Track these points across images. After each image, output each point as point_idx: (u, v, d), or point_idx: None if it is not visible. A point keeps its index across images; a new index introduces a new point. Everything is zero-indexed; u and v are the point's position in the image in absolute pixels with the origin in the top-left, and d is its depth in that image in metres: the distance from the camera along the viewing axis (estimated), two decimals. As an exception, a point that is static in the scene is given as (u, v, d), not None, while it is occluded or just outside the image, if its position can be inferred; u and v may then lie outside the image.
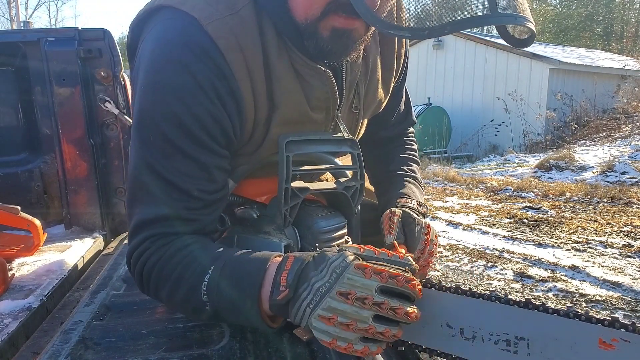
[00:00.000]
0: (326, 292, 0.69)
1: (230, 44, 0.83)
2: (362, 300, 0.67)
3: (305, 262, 0.74)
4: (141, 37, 0.93)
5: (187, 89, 0.82)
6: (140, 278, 0.89)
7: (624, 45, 20.51)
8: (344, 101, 1.03)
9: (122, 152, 2.07)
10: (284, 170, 0.94)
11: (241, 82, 0.86)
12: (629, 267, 3.05)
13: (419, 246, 1.06)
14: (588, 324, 0.62)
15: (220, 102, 0.85)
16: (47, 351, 0.92)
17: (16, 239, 1.67)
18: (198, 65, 0.82)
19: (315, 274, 0.71)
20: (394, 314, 0.68)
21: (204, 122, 0.84)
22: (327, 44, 0.86)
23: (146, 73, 0.85)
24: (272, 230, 0.98)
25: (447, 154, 10.48)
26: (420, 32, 0.76)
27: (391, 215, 1.09)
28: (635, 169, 5.88)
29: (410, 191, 1.21)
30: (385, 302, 0.67)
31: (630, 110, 9.96)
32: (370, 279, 0.68)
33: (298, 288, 0.72)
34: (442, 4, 6.61)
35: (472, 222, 4.36)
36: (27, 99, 2.06)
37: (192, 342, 0.93)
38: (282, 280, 0.73)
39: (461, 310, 0.73)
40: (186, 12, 0.83)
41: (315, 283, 0.70)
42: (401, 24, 1.07)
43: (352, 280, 0.68)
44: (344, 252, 0.72)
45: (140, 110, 0.87)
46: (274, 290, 0.74)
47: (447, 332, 0.74)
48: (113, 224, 2.16)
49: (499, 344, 0.69)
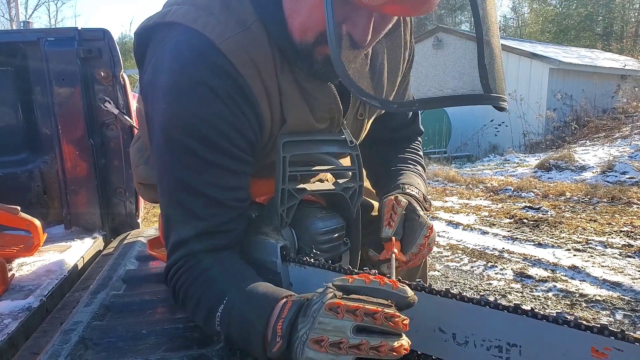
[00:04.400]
0: (305, 342, 0.64)
1: (244, 60, 0.85)
2: (337, 345, 0.61)
3: (303, 305, 0.69)
4: (150, 48, 0.94)
5: (207, 103, 0.84)
6: (174, 293, 0.93)
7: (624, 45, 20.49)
8: (350, 110, 1.03)
9: (122, 152, 2.07)
10: (281, 171, 0.94)
11: (259, 96, 0.88)
12: (629, 267, 3.05)
13: (413, 249, 0.98)
14: (581, 331, 0.61)
15: (240, 112, 0.86)
16: (47, 351, 0.92)
17: (16, 239, 1.67)
18: (215, 80, 0.83)
19: (302, 320, 0.67)
20: (376, 353, 0.61)
21: (228, 132, 0.86)
22: (320, 68, 0.87)
23: (163, 92, 0.86)
24: (269, 231, 0.98)
25: (447, 154, 10.47)
26: (389, 105, 0.77)
27: (395, 203, 1.00)
28: (635, 169, 5.88)
29: (416, 182, 1.15)
30: (363, 342, 0.60)
31: (630, 110, 9.96)
32: (343, 319, 0.61)
33: (291, 337, 0.67)
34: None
35: (472, 222, 4.36)
36: (27, 99, 2.06)
37: (192, 342, 0.93)
38: (277, 330, 0.69)
39: (454, 315, 0.72)
40: (198, 31, 0.84)
41: (300, 330, 0.66)
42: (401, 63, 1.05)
43: (323, 324, 0.62)
44: (325, 290, 0.66)
45: (163, 130, 0.88)
46: (272, 341, 0.70)
47: (440, 337, 0.73)
48: (113, 224, 2.16)
49: (491, 350, 0.68)
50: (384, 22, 0.83)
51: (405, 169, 1.23)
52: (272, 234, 0.97)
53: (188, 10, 0.87)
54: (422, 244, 0.98)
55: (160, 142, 0.89)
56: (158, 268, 1.48)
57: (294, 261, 0.93)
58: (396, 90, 1.08)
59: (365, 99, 0.72)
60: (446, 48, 0.83)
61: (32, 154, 2.12)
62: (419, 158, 1.31)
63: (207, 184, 0.87)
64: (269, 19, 0.87)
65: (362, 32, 0.78)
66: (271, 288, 0.79)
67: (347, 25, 0.77)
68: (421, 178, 1.21)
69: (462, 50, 0.78)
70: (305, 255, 0.95)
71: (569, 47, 15.07)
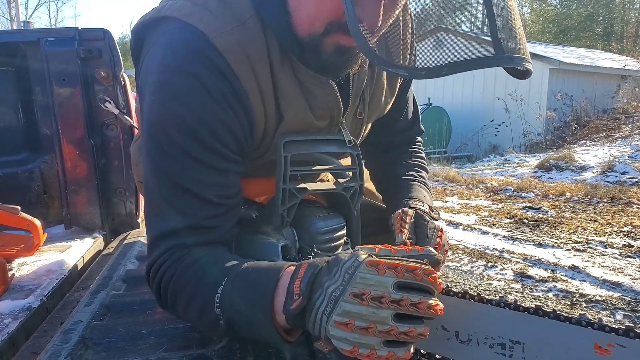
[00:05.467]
0: (340, 296, 0.64)
1: (238, 56, 0.84)
2: (379, 299, 0.62)
3: (319, 267, 0.69)
4: (145, 44, 0.93)
5: (196, 97, 0.83)
6: (157, 293, 0.88)
7: (624, 45, 20.50)
8: (349, 108, 1.03)
9: (122, 152, 2.07)
10: (282, 171, 0.94)
11: (251, 93, 0.87)
12: (629, 267, 3.05)
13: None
14: (584, 328, 0.61)
15: (230, 109, 0.85)
16: (47, 351, 0.92)
17: (16, 239, 1.67)
18: (206, 74, 0.82)
19: (328, 278, 0.67)
20: (416, 309, 0.62)
21: (216, 129, 0.84)
22: (329, 58, 0.86)
23: (154, 85, 0.86)
24: (270, 231, 0.98)
25: (447, 154, 10.47)
26: (417, 72, 0.77)
27: (403, 215, 1.02)
28: (635, 169, 5.88)
29: (421, 195, 1.16)
30: (404, 298, 0.62)
31: (630, 110, 9.96)
32: (385, 275, 0.62)
33: (312, 295, 0.67)
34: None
35: (472, 222, 4.36)
36: (27, 99, 2.06)
37: (192, 342, 0.93)
38: (295, 289, 0.68)
39: (456, 313, 0.72)
40: (192, 25, 0.84)
41: (329, 287, 0.66)
42: (402, 56, 1.05)
43: (365, 279, 0.63)
44: (356, 252, 0.67)
45: (150, 122, 0.87)
46: (288, 300, 0.69)
47: (443, 335, 0.73)
48: (113, 224, 2.16)
49: (494, 347, 0.68)
50: (392, 5, 0.82)
51: (411, 178, 1.23)
52: (273, 234, 0.97)
53: (183, 4, 0.87)
54: (437, 244, 0.99)
55: (147, 135, 0.88)
56: (158, 268, 1.48)
57: (295, 261, 0.93)
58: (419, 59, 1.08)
59: (392, 70, 0.73)
60: (467, 12, 0.83)
61: (32, 154, 2.11)
62: (422, 162, 1.32)
63: (193, 180, 0.85)
64: (269, 14, 0.86)
65: (374, 16, 0.78)
66: (275, 262, 0.79)
67: (358, 10, 0.76)
68: (425, 188, 1.22)
69: (482, 20, 0.77)
70: (306, 254, 0.95)
71: (569, 47, 15.06)
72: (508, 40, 0.73)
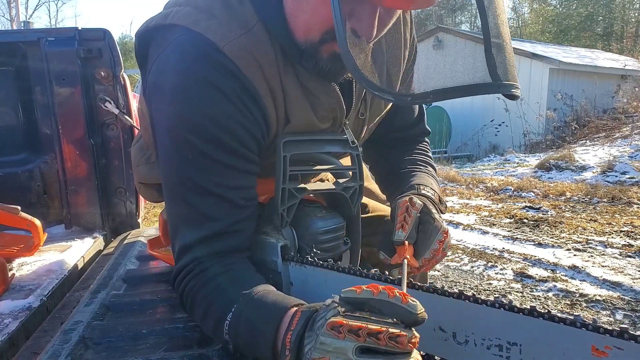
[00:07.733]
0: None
1: (249, 62, 0.85)
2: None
3: (310, 319, 0.67)
4: (152, 48, 0.94)
5: (215, 103, 0.83)
6: (181, 300, 0.91)
7: (624, 45, 20.48)
8: (352, 110, 1.03)
9: (122, 152, 2.07)
10: (281, 170, 0.94)
11: (265, 97, 0.88)
12: (629, 267, 3.05)
13: (426, 254, 0.91)
14: (581, 330, 0.61)
15: (247, 110, 0.86)
16: (47, 351, 0.92)
17: (16, 239, 1.68)
18: (222, 80, 0.83)
19: (309, 335, 0.64)
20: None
21: (235, 131, 0.85)
22: (326, 65, 0.87)
23: (168, 91, 0.86)
24: (269, 231, 0.98)
25: (447, 153, 10.47)
26: (403, 98, 0.78)
27: (410, 206, 0.93)
28: (635, 169, 5.88)
29: (430, 183, 1.10)
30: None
31: (630, 110, 9.95)
32: (345, 339, 0.58)
33: (299, 352, 0.65)
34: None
35: (472, 222, 4.36)
36: (27, 99, 2.06)
37: (192, 342, 0.93)
38: (287, 343, 0.67)
39: (454, 314, 0.71)
40: (200, 34, 0.84)
41: (306, 347, 0.63)
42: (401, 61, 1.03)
43: (324, 345, 0.59)
44: (330, 304, 0.64)
45: (168, 129, 0.87)
46: (282, 354, 0.68)
47: (440, 336, 0.73)
48: (113, 223, 2.16)
49: (491, 348, 0.68)
50: (388, 16, 0.82)
51: (417, 169, 1.18)
52: (272, 234, 0.97)
53: (189, 12, 0.87)
54: (437, 249, 0.92)
55: (167, 143, 0.88)
56: (158, 268, 1.48)
57: (294, 260, 0.93)
58: (407, 84, 1.07)
59: (379, 94, 0.71)
60: (454, 41, 0.83)
61: (33, 154, 2.12)
62: (429, 159, 1.26)
63: (217, 184, 0.86)
64: (269, 19, 0.86)
65: (368, 28, 0.78)
66: (281, 296, 0.78)
67: (352, 22, 0.77)
68: (434, 179, 1.16)
69: (471, 41, 0.78)
70: (305, 254, 0.95)
71: (569, 47, 15.06)
72: (498, 67, 0.73)
